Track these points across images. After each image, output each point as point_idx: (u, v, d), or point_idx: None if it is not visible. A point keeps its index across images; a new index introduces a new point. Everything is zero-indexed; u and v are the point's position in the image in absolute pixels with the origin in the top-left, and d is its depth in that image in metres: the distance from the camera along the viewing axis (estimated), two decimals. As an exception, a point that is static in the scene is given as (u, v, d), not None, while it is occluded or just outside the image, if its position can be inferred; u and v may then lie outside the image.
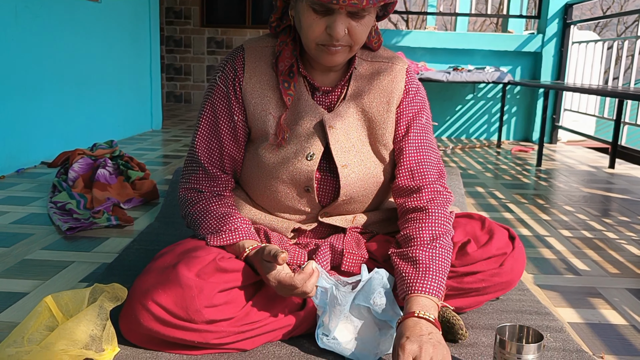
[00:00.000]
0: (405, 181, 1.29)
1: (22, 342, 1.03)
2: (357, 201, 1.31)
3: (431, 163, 1.30)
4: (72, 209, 2.20)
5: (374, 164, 1.30)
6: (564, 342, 1.29)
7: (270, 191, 1.30)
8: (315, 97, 1.30)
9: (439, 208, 1.26)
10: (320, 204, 1.31)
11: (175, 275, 1.13)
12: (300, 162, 1.26)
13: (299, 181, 1.27)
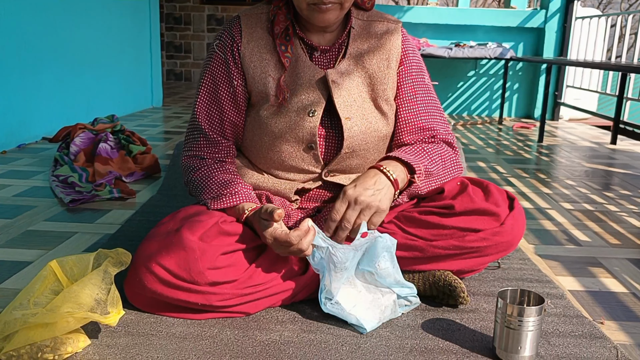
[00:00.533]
0: (415, 135, 1.35)
1: (28, 305, 1.04)
2: (359, 155, 1.33)
3: (441, 121, 1.38)
4: (74, 182, 2.21)
5: (375, 118, 1.32)
6: (565, 308, 1.30)
7: (274, 152, 1.31)
8: (313, 58, 1.33)
9: (448, 148, 1.36)
10: (323, 160, 1.32)
11: (178, 239, 1.14)
12: (302, 119, 1.28)
13: (302, 138, 1.29)
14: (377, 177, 1.21)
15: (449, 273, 1.28)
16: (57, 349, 1.01)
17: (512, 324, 1.04)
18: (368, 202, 1.18)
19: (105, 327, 1.14)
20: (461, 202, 1.28)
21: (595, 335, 1.18)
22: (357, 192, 1.18)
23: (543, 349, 1.12)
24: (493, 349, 1.09)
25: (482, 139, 3.91)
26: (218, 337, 1.12)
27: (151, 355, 1.05)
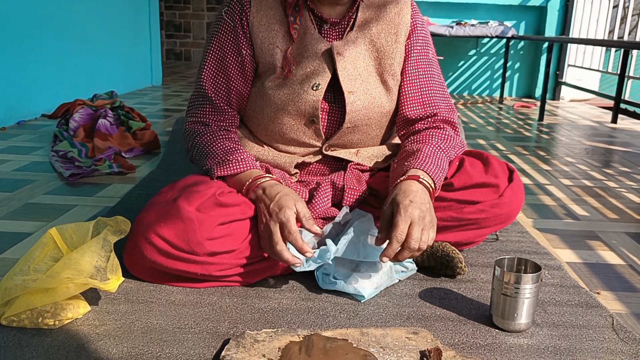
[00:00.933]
0: (417, 112, 1.33)
1: (28, 271, 1.04)
2: (361, 131, 1.32)
3: (441, 96, 1.36)
4: (73, 157, 2.20)
5: (379, 93, 1.31)
6: (562, 279, 1.31)
7: (275, 124, 1.31)
8: (322, 32, 1.32)
9: (450, 131, 1.32)
10: (325, 134, 1.32)
11: (176, 210, 1.14)
12: (306, 92, 1.27)
13: (305, 112, 1.28)
14: (418, 191, 1.13)
15: (446, 244, 1.29)
16: (57, 315, 1.02)
17: (508, 292, 1.04)
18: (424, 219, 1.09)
19: (105, 294, 1.15)
20: (459, 179, 1.28)
21: (591, 304, 1.19)
22: (416, 211, 1.08)
23: (539, 317, 1.12)
24: (490, 317, 1.10)
25: (482, 117, 3.90)
26: (217, 305, 1.13)
27: (150, 321, 1.06)
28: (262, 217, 1.16)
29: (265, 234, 1.14)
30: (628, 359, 0.99)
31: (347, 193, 1.31)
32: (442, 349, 0.95)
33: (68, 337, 0.99)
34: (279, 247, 1.11)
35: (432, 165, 1.22)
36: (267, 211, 1.15)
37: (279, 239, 1.11)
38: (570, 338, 1.05)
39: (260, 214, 1.17)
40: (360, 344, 0.96)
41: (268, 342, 0.96)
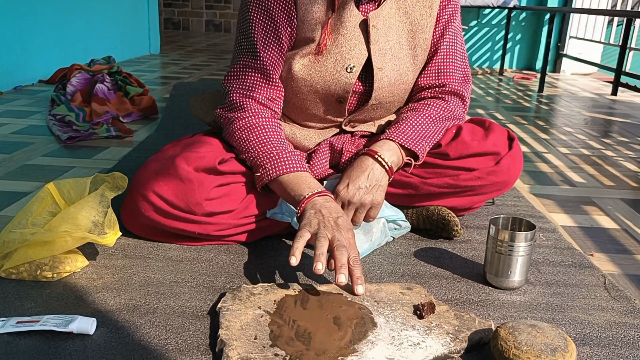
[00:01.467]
0: (429, 80, 1.30)
1: (26, 225, 1.05)
2: (384, 107, 1.30)
3: (458, 66, 1.32)
4: (71, 121, 2.20)
5: (406, 69, 1.27)
6: (556, 241, 1.32)
7: (299, 99, 1.26)
8: (360, 7, 1.23)
9: (455, 102, 1.30)
10: (348, 112, 1.29)
11: (174, 169, 1.14)
12: (339, 73, 1.22)
13: (335, 93, 1.24)
14: (371, 169, 1.17)
15: (442, 207, 1.29)
16: (55, 268, 1.03)
17: (502, 249, 1.05)
18: (362, 202, 1.15)
19: (102, 249, 1.16)
20: (455, 149, 1.26)
21: (584, 265, 1.20)
22: (350, 193, 1.15)
23: (533, 276, 1.14)
24: (484, 275, 1.11)
25: (482, 88, 3.88)
26: (214, 261, 1.14)
27: (148, 276, 1.07)
28: (321, 217, 1.04)
29: (313, 225, 1.02)
30: (619, 315, 1.00)
31: (345, 156, 1.31)
32: (435, 303, 0.96)
33: (66, 289, 1.01)
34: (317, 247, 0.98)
35: (412, 136, 1.22)
36: (332, 219, 1.04)
37: (323, 248, 0.98)
38: (563, 296, 1.06)
39: (317, 213, 1.05)
40: (354, 298, 0.98)
41: (264, 295, 0.97)
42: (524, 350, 0.79)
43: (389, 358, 0.81)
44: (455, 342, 0.87)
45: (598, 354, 0.88)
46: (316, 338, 0.85)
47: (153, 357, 0.83)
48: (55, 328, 0.86)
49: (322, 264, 0.94)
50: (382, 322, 0.91)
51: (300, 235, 1.00)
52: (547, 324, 0.85)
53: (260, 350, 0.82)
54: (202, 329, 0.91)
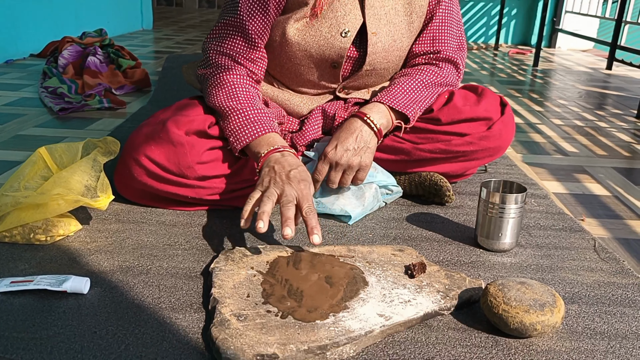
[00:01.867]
0: (423, 47, 1.30)
1: (19, 188, 1.05)
2: (378, 73, 1.29)
3: (453, 34, 1.31)
4: (63, 93, 2.18)
5: (401, 35, 1.26)
6: (548, 206, 1.33)
7: (293, 64, 1.25)
8: None
9: (448, 69, 1.30)
10: (342, 77, 1.29)
11: (165, 133, 1.13)
12: (333, 37, 1.21)
13: (329, 58, 1.23)
14: (359, 131, 1.18)
15: (434, 173, 1.30)
16: (49, 231, 1.03)
17: (493, 212, 1.06)
18: (350, 163, 1.16)
19: (95, 214, 1.16)
20: (447, 114, 1.26)
21: (575, 229, 1.21)
22: (338, 154, 1.16)
23: (523, 239, 1.15)
24: (475, 237, 1.12)
25: (477, 62, 3.86)
26: (207, 225, 1.15)
27: (141, 239, 1.07)
28: (273, 174, 1.03)
29: (265, 183, 1.02)
30: (607, 276, 1.01)
31: (337, 122, 1.31)
32: (426, 263, 0.97)
33: (60, 252, 1.01)
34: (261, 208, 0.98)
35: (403, 99, 1.22)
36: (284, 173, 1.03)
37: (269, 203, 0.98)
38: (553, 257, 1.08)
39: (270, 170, 1.04)
40: (346, 260, 0.98)
41: (256, 257, 0.98)
42: (512, 305, 0.81)
43: (380, 314, 0.82)
44: (446, 300, 0.88)
45: (586, 311, 0.90)
46: (308, 296, 0.86)
47: (147, 314, 0.83)
48: (49, 287, 0.86)
49: (262, 222, 0.94)
50: (374, 281, 0.92)
51: (251, 196, 1.01)
52: (536, 281, 0.87)
53: (253, 307, 0.83)
54: (195, 288, 0.91)
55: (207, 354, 0.75)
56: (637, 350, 0.80)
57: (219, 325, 0.78)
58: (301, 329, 0.78)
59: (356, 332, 0.78)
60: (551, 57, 4.31)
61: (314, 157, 1.24)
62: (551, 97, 2.79)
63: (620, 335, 0.84)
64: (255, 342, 0.74)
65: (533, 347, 0.80)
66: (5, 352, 0.73)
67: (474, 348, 0.79)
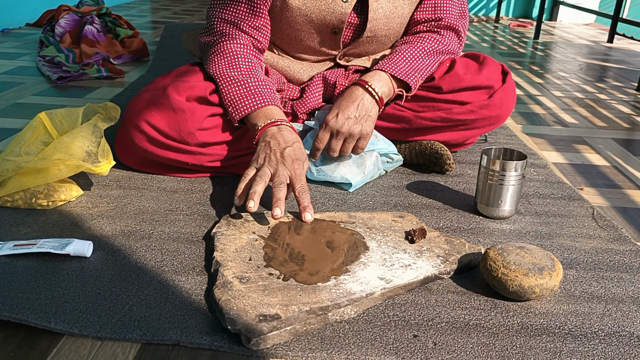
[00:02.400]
0: (425, 14, 1.29)
1: (20, 153, 1.05)
2: (378, 41, 1.28)
3: (455, 2, 1.31)
4: (61, 62, 2.16)
5: (402, 2, 1.25)
6: (547, 175, 1.33)
7: (294, 29, 1.23)
8: None
9: (450, 36, 1.29)
10: (342, 44, 1.28)
11: (166, 98, 1.13)
12: (334, 3, 1.19)
13: (330, 23, 1.22)
14: (361, 99, 1.17)
15: (435, 142, 1.30)
16: (50, 196, 1.03)
17: (494, 179, 1.07)
18: (351, 132, 1.16)
19: (97, 180, 1.16)
20: (448, 83, 1.26)
21: (573, 197, 1.22)
22: (339, 123, 1.15)
23: (523, 207, 1.16)
24: (474, 205, 1.13)
25: (477, 35, 3.83)
26: (208, 192, 1.15)
27: (143, 205, 1.08)
28: (268, 150, 1.04)
29: (259, 160, 1.03)
30: (605, 242, 1.02)
31: (338, 89, 1.30)
32: (426, 229, 0.98)
33: (62, 217, 1.01)
34: (253, 188, 0.98)
35: (404, 67, 1.21)
36: (279, 150, 1.04)
37: (262, 182, 0.99)
38: (551, 225, 1.08)
39: (266, 145, 1.05)
40: (347, 225, 0.99)
41: (258, 222, 0.99)
42: (512, 269, 0.82)
43: (381, 277, 0.83)
44: (445, 264, 0.89)
45: (584, 276, 0.91)
46: (309, 260, 0.87)
47: (149, 277, 0.84)
48: (52, 250, 0.87)
49: (253, 201, 0.95)
50: (374, 246, 0.92)
51: (245, 173, 1.01)
52: (535, 246, 0.87)
53: (255, 270, 0.84)
54: (197, 252, 0.92)
55: (210, 315, 0.76)
56: (633, 314, 0.81)
57: (221, 287, 0.78)
58: (303, 291, 0.79)
59: (357, 294, 0.79)
60: (552, 30, 4.28)
61: (314, 126, 1.24)
62: (552, 69, 2.77)
63: (617, 299, 0.85)
64: (257, 303, 0.75)
65: (531, 310, 0.81)
66: (11, 312, 0.74)
67: (472, 310, 0.80)
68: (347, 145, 1.18)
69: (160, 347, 0.71)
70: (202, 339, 0.72)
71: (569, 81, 2.49)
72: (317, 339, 0.73)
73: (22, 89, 1.89)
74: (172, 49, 2.54)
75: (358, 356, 0.70)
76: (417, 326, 0.76)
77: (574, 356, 0.72)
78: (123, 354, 0.70)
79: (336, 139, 1.17)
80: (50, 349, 0.70)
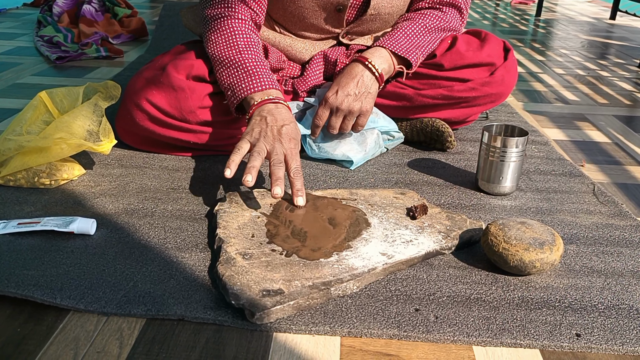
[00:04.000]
0: None
1: (21, 132, 1.05)
2: (382, 19, 1.27)
3: None
4: (59, 42, 2.15)
5: None
6: (548, 152, 1.34)
7: (297, 7, 1.22)
8: None
9: (452, 13, 1.28)
10: (346, 22, 1.27)
11: (166, 77, 1.13)
12: None
13: (334, 0, 1.21)
14: (360, 76, 1.16)
15: (436, 119, 1.30)
16: (52, 175, 1.04)
17: (495, 155, 1.07)
18: (350, 109, 1.15)
19: (98, 159, 1.17)
20: (450, 60, 1.25)
21: (574, 174, 1.22)
22: (339, 100, 1.14)
23: (524, 183, 1.16)
24: (476, 182, 1.13)
25: (478, 12, 3.80)
26: (210, 170, 1.16)
27: (145, 183, 1.08)
28: (265, 125, 1.02)
29: (254, 134, 1.00)
30: (605, 218, 1.03)
31: (340, 67, 1.30)
32: (428, 205, 0.99)
33: (65, 195, 1.02)
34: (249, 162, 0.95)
35: (405, 43, 1.20)
36: (276, 127, 1.01)
37: (259, 158, 0.96)
38: (552, 201, 1.09)
39: (262, 120, 1.03)
40: (349, 202, 0.99)
41: (260, 200, 0.99)
42: (512, 244, 0.82)
43: (383, 253, 0.84)
44: (447, 240, 0.89)
45: (584, 251, 0.92)
46: (312, 236, 0.88)
47: (153, 254, 0.85)
48: (56, 228, 0.87)
49: (251, 176, 0.92)
50: (376, 223, 0.93)
51: (238, 146, 0.97)
52: (536, 221, 0.88)
53: (258, 246, 0.84)
54: (200, 229, 0.93)
55: (214, 290, 0.77)
56: (633, 287, 0.82)
57: (225, 263, 0.79)
58: (305, 267, 0.79)
59: (359, 270, 0.80)
60: (554, 7, 4.24)
61: (314, 103, 1.23)
62: (553, 46, 2.76)
63: (617, 273, 0.86)
64: (260, 278, 0.76)
65: (532, 284, 0.82)
66: (17, 289, 0.75)
67: (474, 285, 0.81)
68: (347, 123, 1.18)
69: (165, 322, 0.72)
70: (206, 314, 0.72)
71: (571, 58, 2.48)
72: (319, 313, 0.73)
73: (21, 69, 1.88)
74: (171, 27, 2.52)
75: (360, 330, 0.71)
76: (419, 300, 0.77)
77: (573, 328, 0.73)
78: (128, 329, 0.70)
79: (336, 116, 1.17)
80: (56, 324, 0.71)
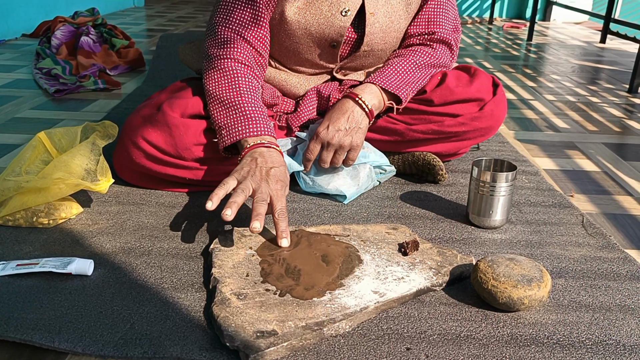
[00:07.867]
0: (418, 28, 1.31)
1: (20, 173, 1.07)
2: (375, 55, 1.30)
3: (449, 16, 1.33)
4: (57, 74, 2.19)
5: (398, 17, 1.27)
6: (538, 183, 1.36)
7: (292, 42, 1.25)
8: None
9: (442, 50, 1.31)
10: (340, 58, 1.30)
11: (161, 115, 1.15)
12: (334, 16, 1.21)
13: (328, 37, 1.24)
14: (351, 111, 1.19)
15: (427, 152, 1.32)
16: (51, 214, 1.06)
17: (484, 190, 1.09)
18: (341, 143, 1.18)
19: (96, 197, 1.19)
20: (440, 96, 1.28)
21: (564, 205, 1.24)
22: (330, 134, 1.18)
23: (514, 215, 1.18)
24: (466, 215, 1.15)
25: (471, 37, 3.86)
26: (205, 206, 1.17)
27: (142, 220, 1.10)
28: (254, 165, 1.03)
29: (243, 173, 1.01)
30: (594, 250, 1.05)
31: (332, 102, 1.33)
32: (419, 241, 1.01)
33: (63, 234, 1.04)
34: (232, 198, 0.95)
35: (395, 80, 1.24)
36: (265, 168, 1.03)
37: (242, 196, 0.96)
38: (542, 233, 1.11)
39: (252, 161, 1.04)
40: (342, 238, 1.01)
41: (254, 237, 1.01)
42: (501, 281, 0.84)
43: (375, 291, 0.86)
44: (438, 276, 0.91)
45: (572, 285, 0.93)
46: (305, 274, 0.89)
47: (150, 294, 0.87)
48: (55, 269, 0.89)
49: (231, 210, 0.92)
50: (368, 259, 0.95)
51: (225, 181, 0.99)
52: (525, 257, 0.90)
53: (252, 286, 0.86)
54: (195, 268, 0.94)
55: (210, 331, 0.78)
56: (620, 322, 0.84)
57: (220, 304, 0.81)
58: (299, 307, 0.81)
59: (352, 309, 0.81)
60: (545, 31, 4.31)
61: (305, 138, 1.26)
62: (544, 72, 2.80)
63: (604, 308, 0.87)
64: (255, 319, 0.78)
65: (521, 320, 0.83)
66: (16, 333, 0.76)
67: (464, 322, 0.83)
68: (338, 157, 1.20)
69: (161, 364, 0.73)
70: (202, 355, 0.74)
71: (562, 84, 2.52)
72: (313, 353, 0.75)
73: (19, 103, 1.91)
74: (168, 59, 2.57)
75: (353, 370, 0.72)
76: (410, 339, 0.79)
77: (561, 366, 0.74)
78: (125, 372, 0.72)
79: (327, 150, 1.20)
80: (54, 368, 0.72)
